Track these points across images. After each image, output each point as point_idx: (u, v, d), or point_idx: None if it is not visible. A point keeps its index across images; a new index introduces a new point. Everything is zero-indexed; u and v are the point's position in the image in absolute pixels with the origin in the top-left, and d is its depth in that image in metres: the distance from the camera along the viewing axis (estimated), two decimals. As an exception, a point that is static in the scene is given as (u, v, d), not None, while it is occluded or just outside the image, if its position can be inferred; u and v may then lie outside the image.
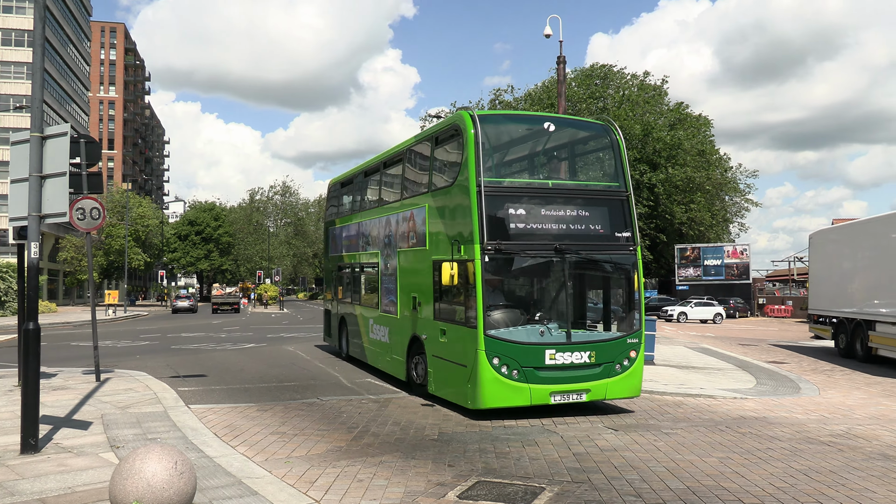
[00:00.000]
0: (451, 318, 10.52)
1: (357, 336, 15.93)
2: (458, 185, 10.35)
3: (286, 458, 7.68)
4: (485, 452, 7.99)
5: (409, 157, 12.84)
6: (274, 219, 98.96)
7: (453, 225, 10.51)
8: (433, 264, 10.94)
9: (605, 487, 6.65)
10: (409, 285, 12.17)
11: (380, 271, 13.85)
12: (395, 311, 12.93)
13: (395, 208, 13.13)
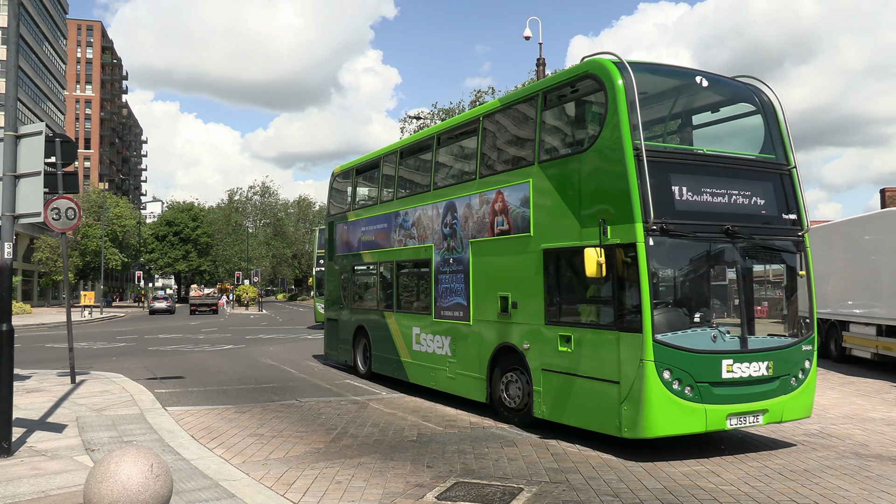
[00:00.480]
0: (587, 320, 8.48)
1: (389, 349, 13.26)
2: (599, 149, 8.20)
3: (264, 460, 7.64)
4: (463, 453, 8.00)
5: (491, 123, 10.60)
6: (253, 219, 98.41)
7: (588, 201, 8.30)
8: (546, 254, 8.90)
9: (583, 488, 6.69)
10: (494, 283, 9.99)
11: (434, 269, 11.53)
12: (463, 317, 10.74)
13: (464, 190, 10.88)
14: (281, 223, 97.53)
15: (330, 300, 16.34)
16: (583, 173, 8.43)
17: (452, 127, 11.89)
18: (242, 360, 17.88)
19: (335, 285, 15.93)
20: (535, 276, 9.11)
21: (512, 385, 9.61)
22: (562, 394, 8.67)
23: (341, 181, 16.22)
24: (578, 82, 8.88)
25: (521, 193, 9.49)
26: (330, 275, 16.37)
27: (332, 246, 16.12)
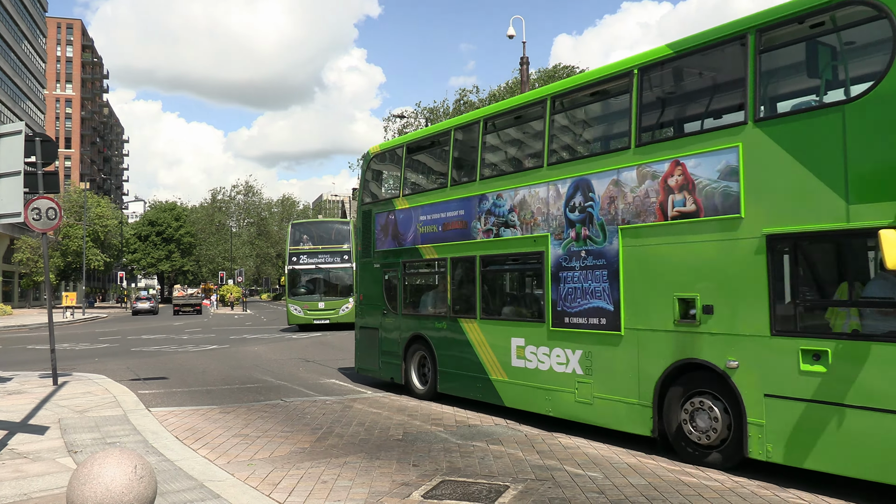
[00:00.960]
0: (870, 330, 6.29)
1: (468, 365, 10.72)
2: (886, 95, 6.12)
3: (249, 460, 7.61)
4: (449, 452, 8.02)
5: (656, 76, 8.42)
6: (237, 219, 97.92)
7: (866, 167, 6.22)
8: (774, 241, 6.79)
9: (569, 484, 6.72)
10: (666, 281, 7.78)
11: (551, 264, 9.19)
12: (607, 325, 8.44)
13: (607, 163, 8.55)
14: (265, 223, 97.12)
15: (366, 305, 13.51)
16: (853, 130, 6.34)
17: (577, 87, 9.36)
18: (227, 361, 17.79)
19: (374, 287, 13.08)
20: (751, 270, 6.98)
21: (700, 414, 7.46)
22: (810, 430, 6.51)
23: (383, 163, 13.80)
24: (830, 12, 6.71)
25: (720, 163, 7.30)
26: (366, 274, 13.48)
27: (368, 240, 13.33)
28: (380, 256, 12.98)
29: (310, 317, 29.25)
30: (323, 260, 29.68)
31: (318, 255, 29.70)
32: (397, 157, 12.88)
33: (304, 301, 29.40)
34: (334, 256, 29.71)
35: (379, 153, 13.55)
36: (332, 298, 29.54)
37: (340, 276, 29.71)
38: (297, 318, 29.45)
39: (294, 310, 29.41)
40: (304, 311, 29.24)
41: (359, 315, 13.87)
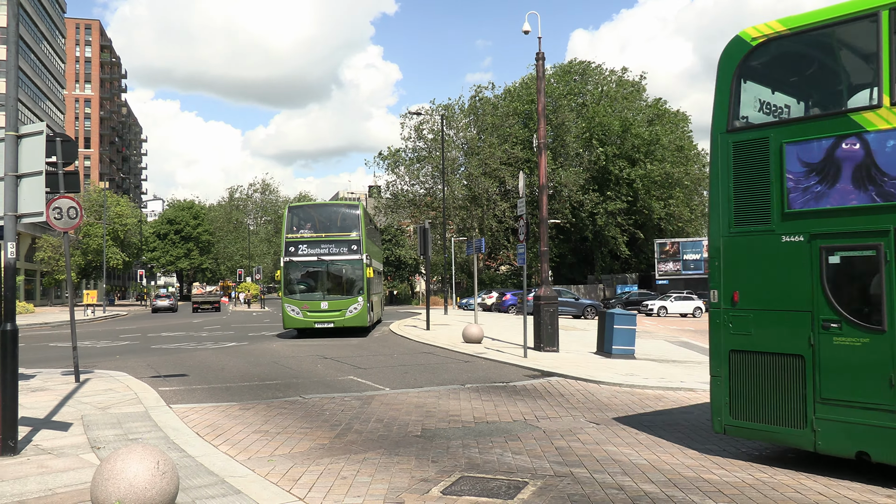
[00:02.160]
0: None
1: None
2: None
3: (269, 456, 7.67)
4: (468, 448, 8.02)
5: None
6: (254, 217, 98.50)
7: None
8: None
9: (588, 481, 6.71)
10: None
11: None
12: None
13: None
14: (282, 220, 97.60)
15: (753, 311, 7.57)
16: None
17: None
18: (246, 358, 17.92)
19: (785, 280, 7.30)
20: None
21: None
22: None
23: (785, 51, 7.92)
24: None
25: None
26: (753, 256, 7.58)
27: (761, 194, 7.53)
28: (809, 222, 7.18)
29: (310, 320, 24.15)
30: (327, 250, 24.48)
31: (321, 245, 24.57)
32: (851, 34, 7.44)
33: (304, 300, 24.36)
34: (340, 246, 24.52)
35: (776, 35, 7.54)
36: (338, 297, 24.53)
37: (347, 270, 24.67)
38: (294, 321, 24.37)
39: (291, 311, 24.27)
40: (304, 313, 24.18)
41: (730, 329, 7.72)
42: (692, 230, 60.23)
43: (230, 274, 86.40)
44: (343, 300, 24.38)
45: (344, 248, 24.45)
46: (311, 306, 24.16)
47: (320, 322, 24.09)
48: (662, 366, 15.87)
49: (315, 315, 24.12)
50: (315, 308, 24.15)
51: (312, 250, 24.48)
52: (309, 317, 24.10)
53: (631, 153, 56.14)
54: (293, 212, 25.95)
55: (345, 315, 24.16)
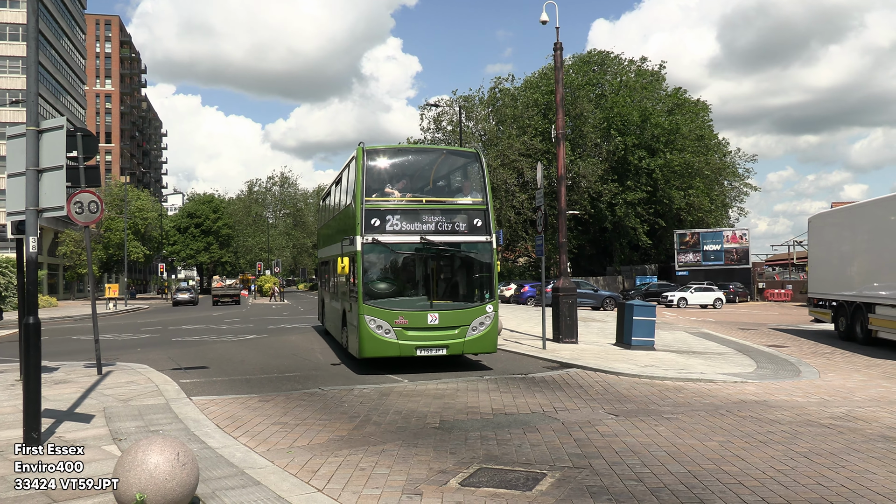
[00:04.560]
0: None
1: None
2: None
3: (288, 448, 7.70)
4: (486, 440, 8.02)
5: None
6: (273, 210, 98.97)
7: None
8: None
9: (607, 472, 6.68)
10: None
11: None
12: None
13: None
14: (301, 213, 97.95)
15: None
16: None
17: None
18: (265, 350, 18.03)
19: None
20: None
21: None
22: None
23: None
24: None
25: None
26: None
27: None
28: None
29: (409, 343, 13.51)
30: (434, 226, 13.98)
31: (425, 217, 14.00)
32: None
33: (398, 310, 13.57)
34: (455, 219, 14.13)
35: None
36: (454, 305, 14.10)
37: (469, 259, 14.33)
38: (379, 345, 13.43)
39: (375, 328, 13.42)
40: (399, 333, 13.47)
41: None
42: (712, 220, 59.69)
43: (250, 267, 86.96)
44: (463, 310, 13.90)
45: (462, 223, 14.09)
46: (413, 320, 13.50)
47: (426, 346, 13.57)
48: (682, 357, 15.75)
49: (418, 335, 13.51)
50: (418, 323, 13.52)
51: (411, 225, 13.82)
52: (408, 338, 13.41)
53: (650, 143, 55.67)
54: (373, 158, 14.25)
55: (466, 334, 13.74)
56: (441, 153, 16.46)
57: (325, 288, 21.31)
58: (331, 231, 18.56)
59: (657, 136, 55.40)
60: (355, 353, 13.97)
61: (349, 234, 13.96)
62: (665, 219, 57.87)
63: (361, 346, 13.35)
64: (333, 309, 18.32)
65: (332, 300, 18.88)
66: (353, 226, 13.63)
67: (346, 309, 15.34)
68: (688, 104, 59.84)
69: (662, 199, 56.29)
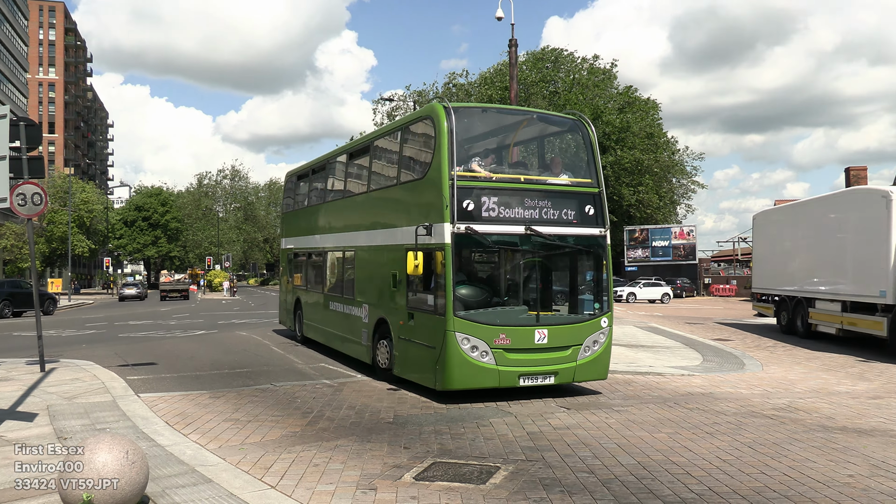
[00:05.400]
0: None
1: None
2: None
3: (240, 444, 7.62)
4: (440, 434, 8.06)
5: None
6: (223, 203, 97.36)
7: None
8: None
9: (559, 465, 6.79)
10: None
11: None
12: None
13: None
14: (252, 207, 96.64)
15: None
16: None
17: None
18: (216, 346, 17.76)
19: None
20: None
21: None
22: None
23: None
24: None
25: None
26: None
27: None
28: None
29: (511, 369, 10.01)
30: (538, 213, 10.45)
31: (528, 201, 10.42)
32: None
33: (498, 326, 10.00)
34: (562, 206, 10.73)
35: None
36: (563, 319, 10.87)
37: (581, 259, 11.22)
38: (473, 371, 9.84)
39: (468, 348, 9.78)
40: (499, 356, 9.92)
41: None
42: (661, 217, 60.89)
43: (199, 262, 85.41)
44: (577, 324, 10.65)
45: (570, 211, 10.74)
46: (516, 339, 10.05)
47: (531, 373, 10.14)
48: (631, 351, 16.06)
49: (522, 359, 10.08)
50: (523, 343, 10.09)
51: (512, 211, 10.32)
52: (509, 363, 9.99)
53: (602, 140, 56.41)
54: (460, 119, 10.50)
55: (578, 356, 10.43)
56: (537, 118, 12.47)
57: (306, 286, 17.16)
58: (354, 213, 13.74)
59: (608, 133, 56.23)
60: (423, 380, 10.43)
61: (425, 221, 10.11)
62: (615, 215, 58.81)
63: (448, 374, 9.68)
64: (336, 315, 14.43)
65: (329, 303, 15.00)
66: (433, 210, 10.03)
67: (382, 318, 11.75)
68: (638, 102, 60.85)
69: (612, 196, 57.18)
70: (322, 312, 15.60)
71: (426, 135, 10.80)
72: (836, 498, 5.86)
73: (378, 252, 12.22)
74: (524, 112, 13.31)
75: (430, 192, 10.30)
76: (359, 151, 14.39)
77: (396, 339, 11.24)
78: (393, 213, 11.77)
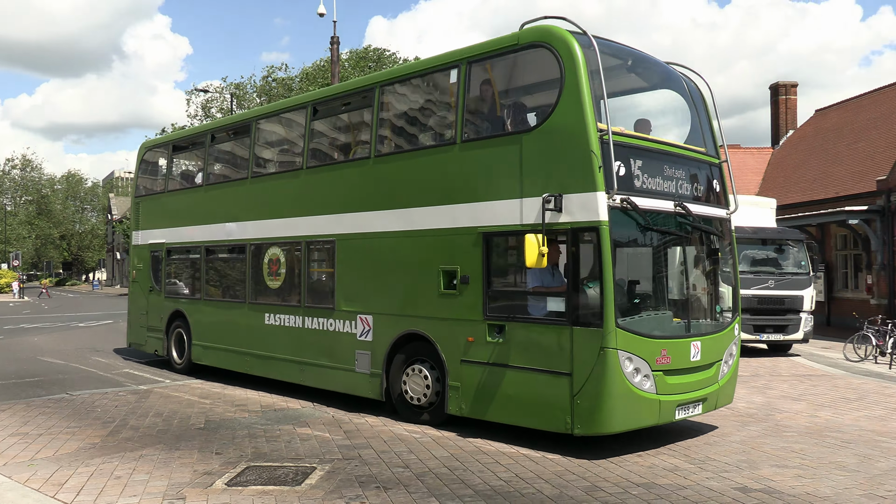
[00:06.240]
0: None
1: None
2: None
3: (29, 460, 6.95)
4: (255, 437, 7.86)
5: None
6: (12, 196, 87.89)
7: None
8: None
9: (375, 461, 6.88)
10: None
11: None
12: None
13: None
14: (46, 201, 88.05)
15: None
16: None
17: None
18: (0, 354, 16.02)
19: None
20: None
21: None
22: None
23: None
24: None
25: None
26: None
27: None
28: None
29: (671, 398, 7.43)
30: (686, 187, 8.14)
31: (678, 170, 8.06)
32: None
33: (658, 338, 7.42)
34: (698, 179, 8.39)
35: None
36: (710, 327, 8.35)
37: (714, 248, 8.64)
38: (636, 403, 7.13)
39: (630, 371, 7.05)
40: (660, 381, 7.30)
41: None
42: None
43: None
44: (720, 333, 8.40)
45: (702, 186, 8.54)
46: (676, 356, 7.56)
47: (685, 401, 7.68)
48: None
49: (680, 383, 7.61)
50: (681, 361, 7.63)
51: (663, 183, 7.89)
52: (668, 390, 7.45)
53: (422, 142, 57.61)
54: (604, 53, 7.63)
55: (719, 375, 8.26)
56: (661, 67, 8.88)
57: (198, 294, 12.61)
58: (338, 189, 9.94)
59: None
60: (536, 422, 7.47)
61: (544, 190, 7.32)
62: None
63: (606, 411, 6.98)
64: (282, 333, 10.57)
65: (266, 315, 10.89)
66: (565, 174, 7.30)
67: (414, 333, 8.64)
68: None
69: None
70: (243, 330, 11.31)
71: (536, 69, 8.27)
72: None
73: (407, 240, 8.78)
74: (648, 58, 8.80)
75: (554, 149, 7.41)
76: (346, 102, 10.46)
77: (454, 362, 8.11)
78: (446, 184, 8.40)
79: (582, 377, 7.01)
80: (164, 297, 13.38)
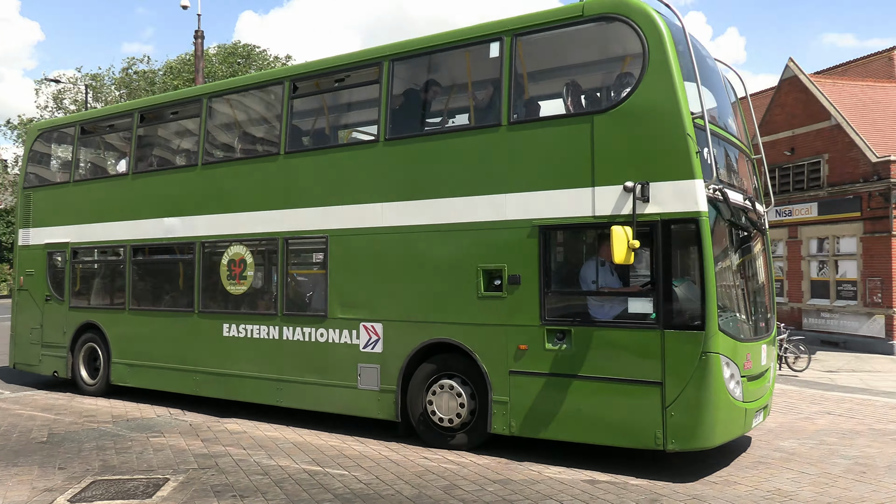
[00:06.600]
0: None
1: None
2: None
3: None
4: (103, 450, 7.47)
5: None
6: None
7: None
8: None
9: (233, 470, 6.71)
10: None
11: None
12: None
13: None
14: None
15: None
16: None
17: None
18: None
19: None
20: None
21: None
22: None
23: None
24: None
25: None
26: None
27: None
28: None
29: (750, 406, 6.90)
30: (739, 180, 7.90)
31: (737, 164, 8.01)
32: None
33: (744, 343, 6.89)
34: (746, 172, 8.25)
35: None
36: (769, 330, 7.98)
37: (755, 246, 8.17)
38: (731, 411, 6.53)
39: (727, 377, 6.39)
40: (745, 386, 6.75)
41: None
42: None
43: None
44: (772, 338, 8.03)
45: (751, 180, 8.44)
46: (755, 361, 7.15)
47: (755, 408, 7.12)
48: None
49: (755, 389, 7.14)
50: (756, 367, 7.18)
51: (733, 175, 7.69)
52: (749, 396, 6.90)
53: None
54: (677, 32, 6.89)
55: (770, 380, 7.85)
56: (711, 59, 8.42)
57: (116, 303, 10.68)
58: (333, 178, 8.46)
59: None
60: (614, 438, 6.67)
61: (626, 178, 6.53)
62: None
63: (709, 423, 6.30)
64: (251, 346, 8.98)
65: (224, 326, 9.27)
66: (654, 159, 6.53)
67: (441, 341, 7.53)
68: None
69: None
70: (190, 344, 9.62)
71: (606, 44, 7.66)
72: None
73: (434, 235, 7.64)
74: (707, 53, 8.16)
75: (637, 132, 6.61)
76: (340, 77, 9.00)
77: (499, 374, 7.14)
78: (488, 171, 7.38)
79: (677, 386, 6.24)
80: (69, 307, 11.14)
